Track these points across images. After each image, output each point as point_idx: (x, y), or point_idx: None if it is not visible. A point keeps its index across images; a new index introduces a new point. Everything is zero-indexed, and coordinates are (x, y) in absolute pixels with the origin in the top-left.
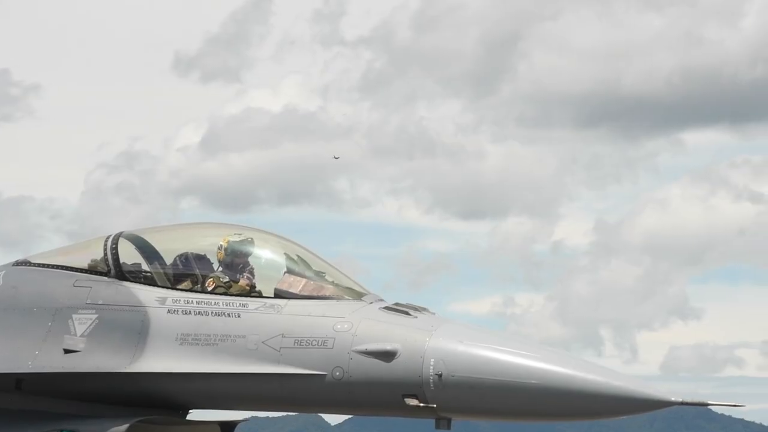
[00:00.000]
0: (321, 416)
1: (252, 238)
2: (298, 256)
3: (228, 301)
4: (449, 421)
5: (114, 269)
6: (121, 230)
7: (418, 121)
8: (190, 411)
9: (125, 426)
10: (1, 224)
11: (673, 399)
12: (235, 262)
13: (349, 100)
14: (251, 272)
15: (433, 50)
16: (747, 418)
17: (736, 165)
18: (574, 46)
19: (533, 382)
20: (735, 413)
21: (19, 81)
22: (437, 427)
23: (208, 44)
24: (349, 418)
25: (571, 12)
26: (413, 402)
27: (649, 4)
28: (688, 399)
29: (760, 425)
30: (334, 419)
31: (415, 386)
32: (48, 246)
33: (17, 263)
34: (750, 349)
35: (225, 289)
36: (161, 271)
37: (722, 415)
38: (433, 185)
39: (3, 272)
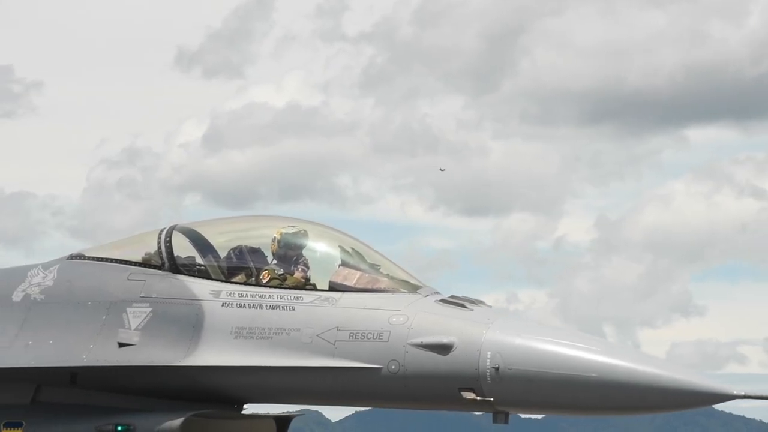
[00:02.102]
0: (321, 413)
1: (306, 231)
2: (353, 248)
3: (282, 294)
4: (507, 415)
5: (168, 262)
6: (175, 223)
7: (421, 118)
8: (245, 405)
9: (180, 420)
10: (3, 221)
11: (735, 392)
12: (289, 254)
13: (351, 96)
14: (305, 265)
15: (436, 46)
16: (747, 415)
17: (739, 162)
18: (577, 43)
19: (592, 375)
20: (735, 410)
21: (22, 78)
22: (495, 421)
23: (211, 40)
24: (350, 415)
25: (573, 8)
26: (470, 396)
27: (652, 1)
28: (751, 392)
29: (761, 422)
30: (335, 416)
31: (472, 380)
32: (50, 242)
33: (71, 257)
34: (752, 345)
35: (279, 282)
36: (215, 264)
37: (722, 411)
38: (435, 182)
39: (57, 266)
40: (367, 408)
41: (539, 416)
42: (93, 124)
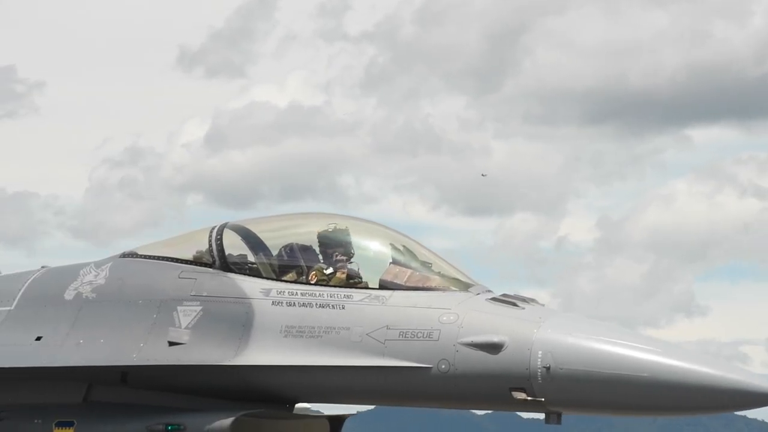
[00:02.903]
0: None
1: (347, 227)
2: (404, 246)
3: (332, 293)
4: (559, 415)
5: (219, 260)
6: (226, 221)
7: (423, 118)
8: (297, 405)
9: (230, 420)
10: (6, 220)
11: None
12: (333, 252)
13: (353, 95)
14: (350, 262)
15: (438, 46)
16: (749, 416)
17: (742, 161)
18: (580, 43)
19: (644, 375)
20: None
21: (25, 78)
22: (547, 421)
23: (213, 40)
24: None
25: (576, 8)
26: (521, 396)
27: (655, 1)
28: None
29: (762, 422)
30: None
31: (523, 379)
32: (51, 242)
33: (124, 255)
34: (754, 345)
35: (328, 280)
36: (266, 261)
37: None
38: (437, 182)
39: (109, 264)
40: (370, 407)
41: (541, 416)
42: (95, 124)
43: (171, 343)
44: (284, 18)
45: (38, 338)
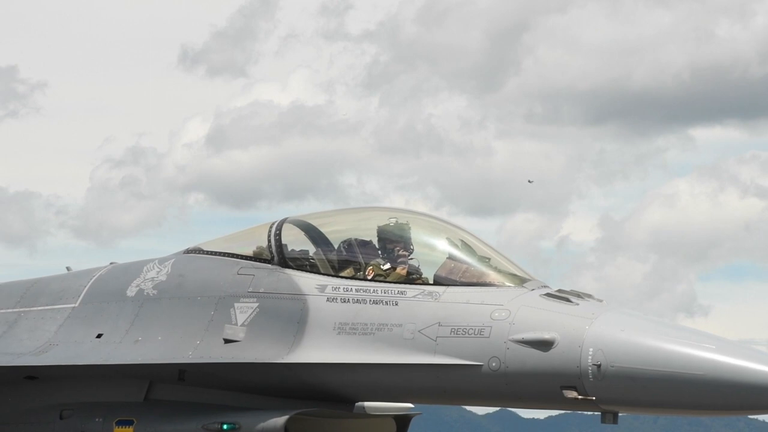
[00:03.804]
0: None
1: (408, 222)
2: (462, 240)
3: (386, 289)
4: (615, 414)
5: (277, 256)
6: (286, 216)
7: (426, 118)
8: (358, 403)
9: (284, 418)
10: (8, 220)
11: None
12: (392, 247)
13: (356, 95)
14: (410, 258)
15: (440, 45)
16: (750, 415)
17: (745, 161)
18: (583, 42)
19: (700, 373)
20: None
21: (27, 78)
22: (603, 421)
23: (215, 39)
24: None
25: (578, 7)
26: (572, 394)
27: (658, 1)
28: None
29: (763, 422)
30: None
31: (574, 377)
32: (53, 241)
33: (187, 251)
34: (757, 345)
35: (385, 276)
36: (324, 257)
37: None
38: (440, 181)
39: (173, 260)
40: None
41: (542, 416)
42: (97, 124)
43: (226, 341)
44: (286, 17)
45: (99, 335)
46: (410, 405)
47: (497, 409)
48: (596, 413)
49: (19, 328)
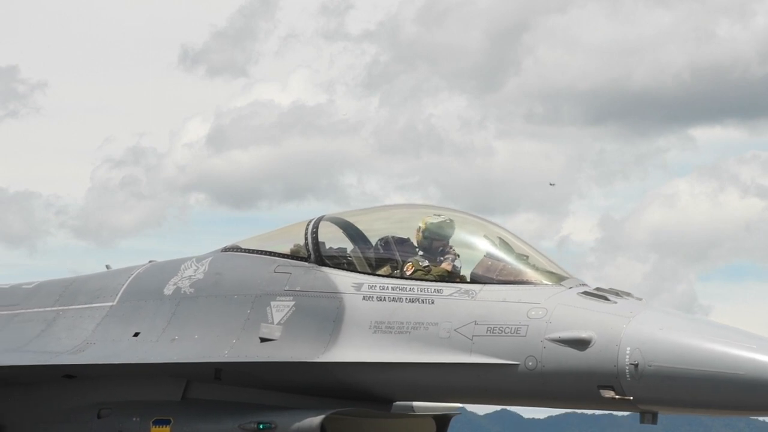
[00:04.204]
0: None
1: (452, 220)
2: (500, 238)
3: (423, 287)
4: (655, 415)
5: (314, 254)
6: (323, 213)
7: (426, 118)
8: (403, 403)
9: (320, 418)
10: (8, 220)
11: None
12: (434, 245)
13: (356, 95)
14: (450, 256)
15: (440, 45)
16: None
17: (745, 161)
18: (583, 42)
19: (740, 373)
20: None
21: (27, 78)
22: (642, 421)
23: (215, 39)
24: None
25: (579, 6)
26: (609, 394)
27: (658, 0)
28: None
29: (763, 422)
30: None
31: (611, 377)
32: (53, 241)
33: (225, 249)
34: None
35: (423, 274)
36: (360, 255)
37: None
38: (440, 182)
39: (209, 258)
40: None
41: (542, 416)
42: (97, 124)
43: (263, 339)
44: (286, 17)
45: (136, 334)
46: (456, 405)
47: (498, 408)
48: (598, 413)
49: (57, 326)
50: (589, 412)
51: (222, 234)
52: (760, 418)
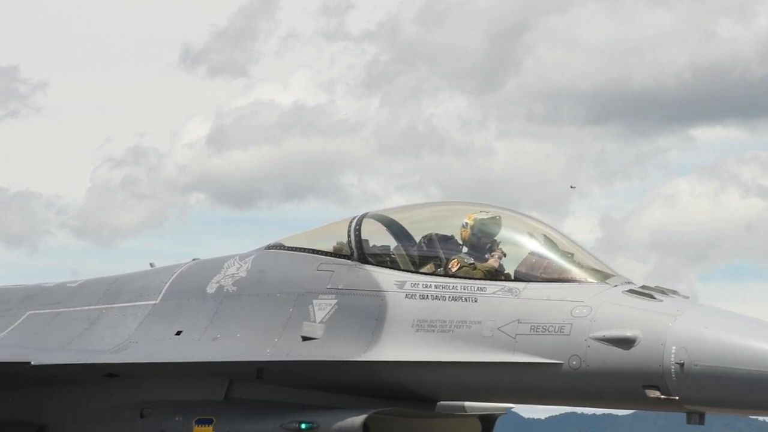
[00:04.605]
0: None
1: (499, 216)
2: (545, 235)
3: (466, 285)
4: (702, 415)
5: (356, 252)
6: (366, 211)
7: (427, 118)
8: (439, 402)
9: (362, 417)
10: (8, 220)
11: None
12: (482, 242)
13: (357, 95)
14: (496, 253)
15: (441, 45)
16: (750, 416)
17: (745, 161)
18: (583, 41)
19: None
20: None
21: (27, 78)
22: (689, 421)
23: (216, 38)
24: None
25: (579, 6)
26: (654, 394)
27: (659, 0)
28: None
29: (763, 422)
30: None
31: (656, 376)
32: (54, 241)
33: (269, 247)
34: None
35: (467, 272)
36: (404, 253)
37: None
38: (441, 181)
39: (253, 256)
40: None
41: (542, 416)
42: (97, 124)
43: (304, 338)
44: (287, 17)
45: (178, 333)
46: (505, 405)
47: None
48: (598, 413)
49: (100, 324)
50: (589, 412)
51: (222, 234)
52: (760, 418)
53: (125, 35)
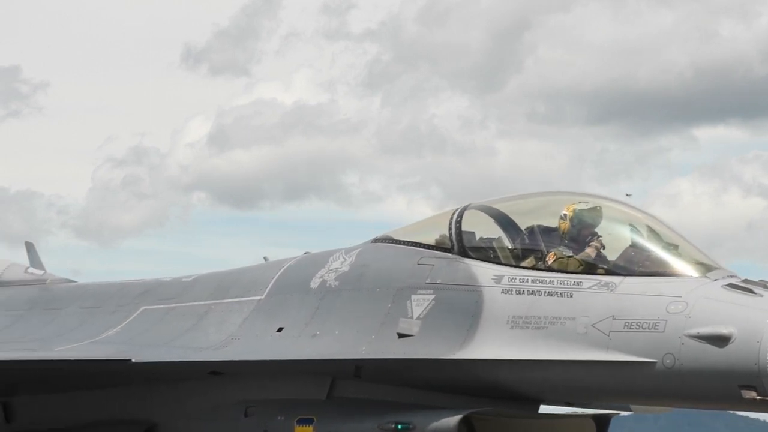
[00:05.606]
0: None
1: (599, 207)
2: (648, 226)
3: (562, 279)
4: None
5: (457, 245)
6: (469, 202)
7: (429, 118)
8: (543, 403)
9: (457, 418)
10: (9, 220)
11: None
12: (582, 233)
13: (358, 94)
14: (595, 246)
15: (442, 45)
16: (750, 416)
17: (747, 161)
18: (585, 41)
19: None
20: (738, 411)
21: (29, 78)
22: None
23: (217, 38)
24: None
25: (581, 5)
26: (750, 395)
27: (661, 0)
28: None
29: (764, 422)
30: None
31: (752, 376)
32: (55, 241)
33: (376, 240)
34: None
35: (565, 265)
36: (504, 245)
37: (726, 412)
38: (442, 181)
39: (358, 250)
40: None
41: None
42: (98, 123)
43: (400, 335)
44: (288, 16)
45: (280, 329)
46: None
47: None
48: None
49: (207, 321)
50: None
51: (223, 234)
52: (761, 418)
53: (126, 35)
